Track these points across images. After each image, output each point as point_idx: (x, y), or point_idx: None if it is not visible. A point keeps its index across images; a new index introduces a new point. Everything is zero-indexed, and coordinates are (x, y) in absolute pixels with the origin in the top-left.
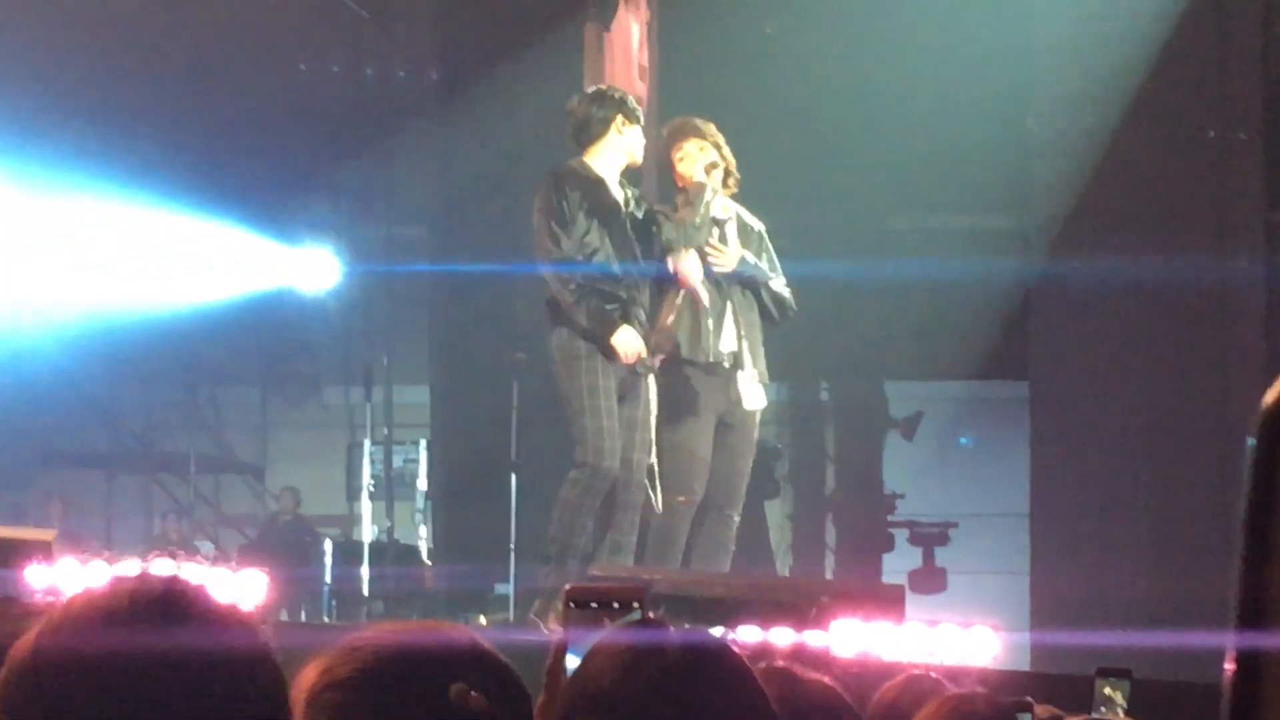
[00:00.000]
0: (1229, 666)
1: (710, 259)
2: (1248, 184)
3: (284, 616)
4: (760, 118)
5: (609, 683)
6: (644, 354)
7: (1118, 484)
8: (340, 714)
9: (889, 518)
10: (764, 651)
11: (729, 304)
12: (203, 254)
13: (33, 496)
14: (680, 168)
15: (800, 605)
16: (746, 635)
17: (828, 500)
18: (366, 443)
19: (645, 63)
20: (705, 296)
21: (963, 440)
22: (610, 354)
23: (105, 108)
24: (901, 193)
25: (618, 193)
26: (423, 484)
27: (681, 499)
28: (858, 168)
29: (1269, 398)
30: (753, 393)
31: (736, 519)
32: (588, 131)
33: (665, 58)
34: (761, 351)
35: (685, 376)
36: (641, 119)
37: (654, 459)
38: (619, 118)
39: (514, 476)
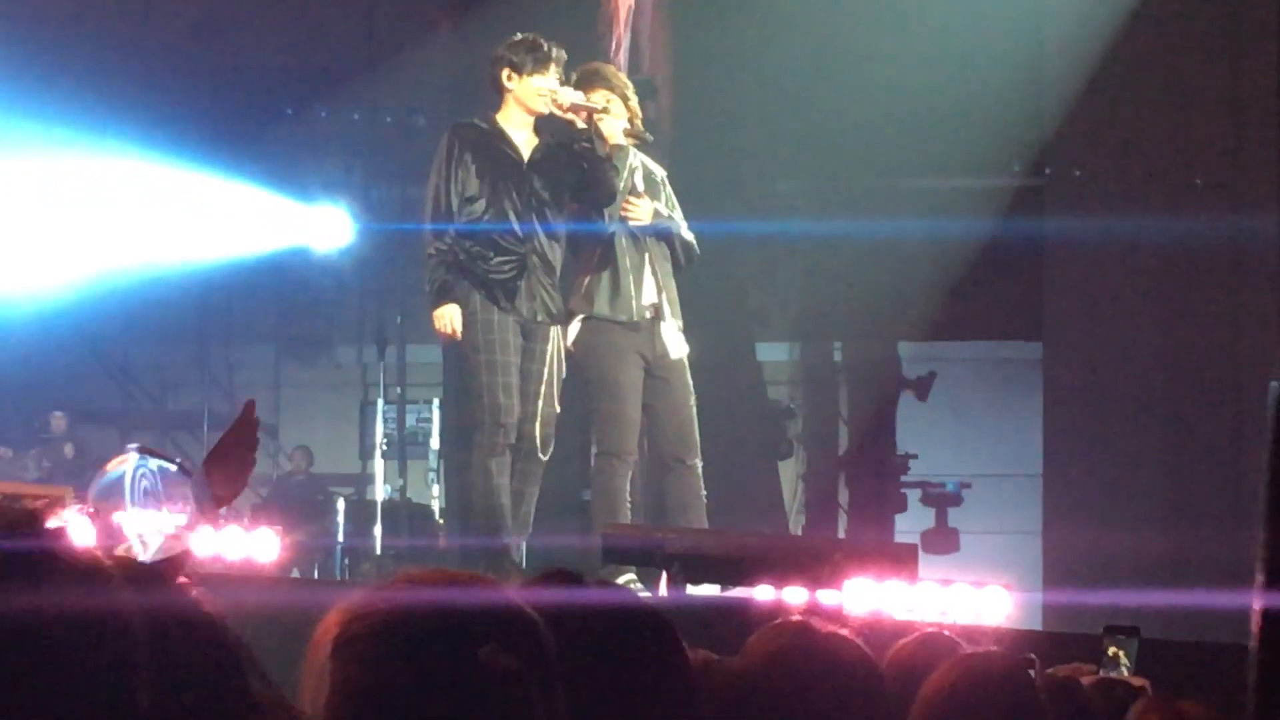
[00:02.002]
0: (1256, 624)
1: (628, 214)
2: (1263, 141)
3: (295, 574)
4: (771, 78)
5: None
6: (457, 333)
7: (1131, 444)
8: (367, 667)
9: (902, 478)
10: (778, 610)
11: (646, 257)
12: (217, 212)
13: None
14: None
15: (813, 564)
16: (760, 594)
17: (841, 460)
18: (380, 402)
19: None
20: (626, 253)
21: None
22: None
23: (121, 64)
24: (915, 153)
25: (522, 147)
26: (435, 443)
27: (616, 459)
28: (871, 129)
29: None
30: (676, 342)
31: (699, 465)
32: (492, 87)
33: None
34: (678, 300)
35: (608, 334)
36: (537, 66)
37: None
38: (505, 71)
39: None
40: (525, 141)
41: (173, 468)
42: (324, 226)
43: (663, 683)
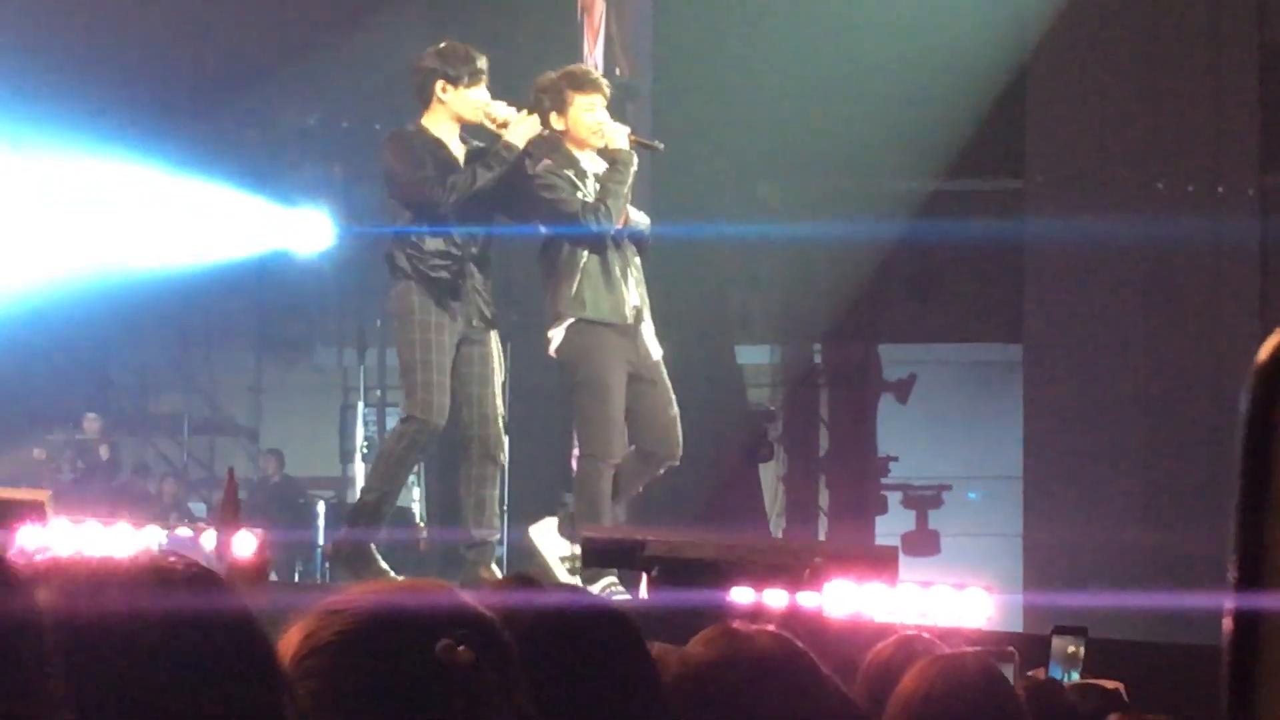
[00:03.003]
0: (1227, 626)
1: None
2: (1242, 144)
3: (273, 577)
4: (751, 80)
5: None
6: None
7: (1111, 446)
8: (325, 680)
9: (882, 480)
10: (758, 613)
11: (628, 259)
12: (197, 216)
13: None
14: (585, 118)
15: (794, 567)
16: (740, 596)
17: (821, 463)
18: (360, 405)
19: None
20: (615, 256)
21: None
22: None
23: (100, 66)
24: (895, 156)
25: (457, 154)
26: None
27: (602, 462)
28: (850, 131)
29: (1262, 354)
30: (655, 344)
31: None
32: (419, 95)
33: (663, 27)
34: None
35: (598, 337)
36: (472, 79)
37: (503, 414)
38: (438, 83)
39: (505, 439)
40: (457, 149)
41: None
42: (305, 230)
43: (626, 677)
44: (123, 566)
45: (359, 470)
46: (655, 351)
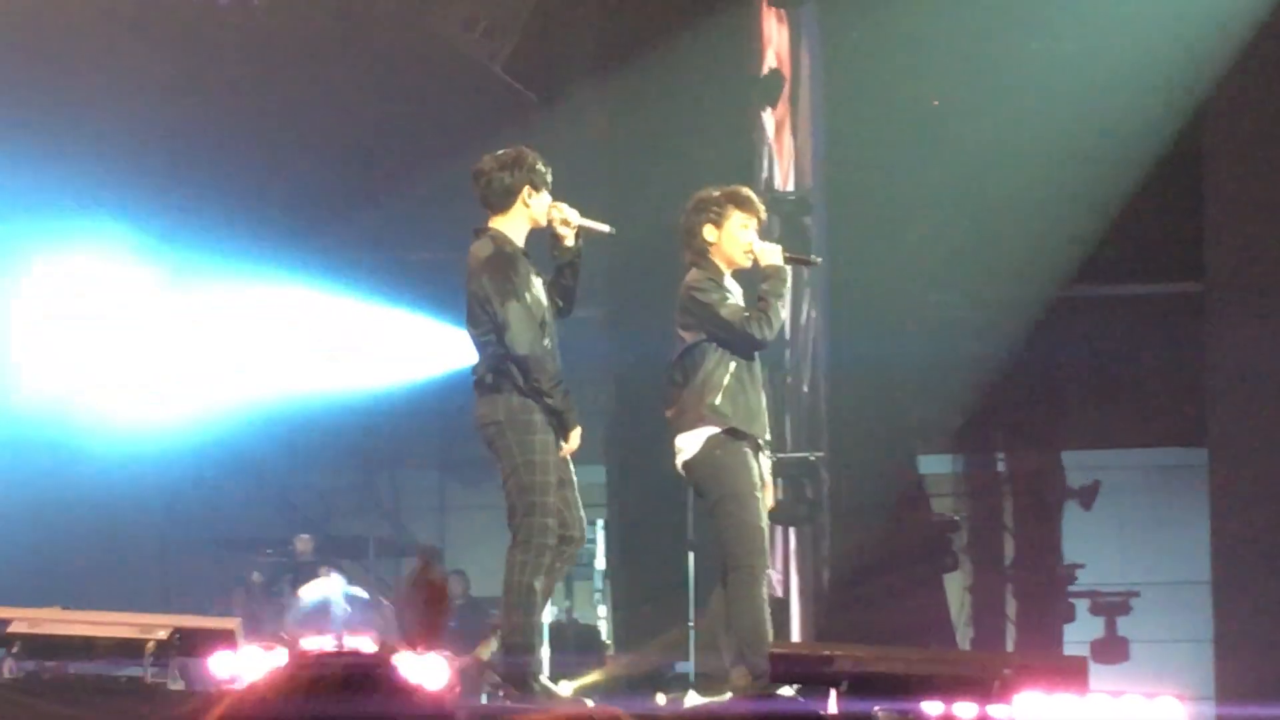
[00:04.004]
0: None
1: None
2: None
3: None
4: (926, 187)
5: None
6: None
7: None
8: None
9: (1069, 588)
10: None
11: (758, 377)
12: (380, 340)
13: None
14: (740, 235)
15: (983, 679)
16: (930, 710)
17: (1007, 572)
18: None
19: (782, 146)
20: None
21: None
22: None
23: (282, 196)
24: (1071, 261)
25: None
26: (600, 564)
27: (761, 572)
28: (1026, 237)
29: None
30: (768, 466)
31: None
32: (498, 198)
33: (834, 141)
34: None
35: (738, 448)
36: (547, 184)
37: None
38: (526, 187)
39: (691, 555)
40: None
41: (365, 595)
42: None
43: None
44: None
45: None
46: (769, 471)
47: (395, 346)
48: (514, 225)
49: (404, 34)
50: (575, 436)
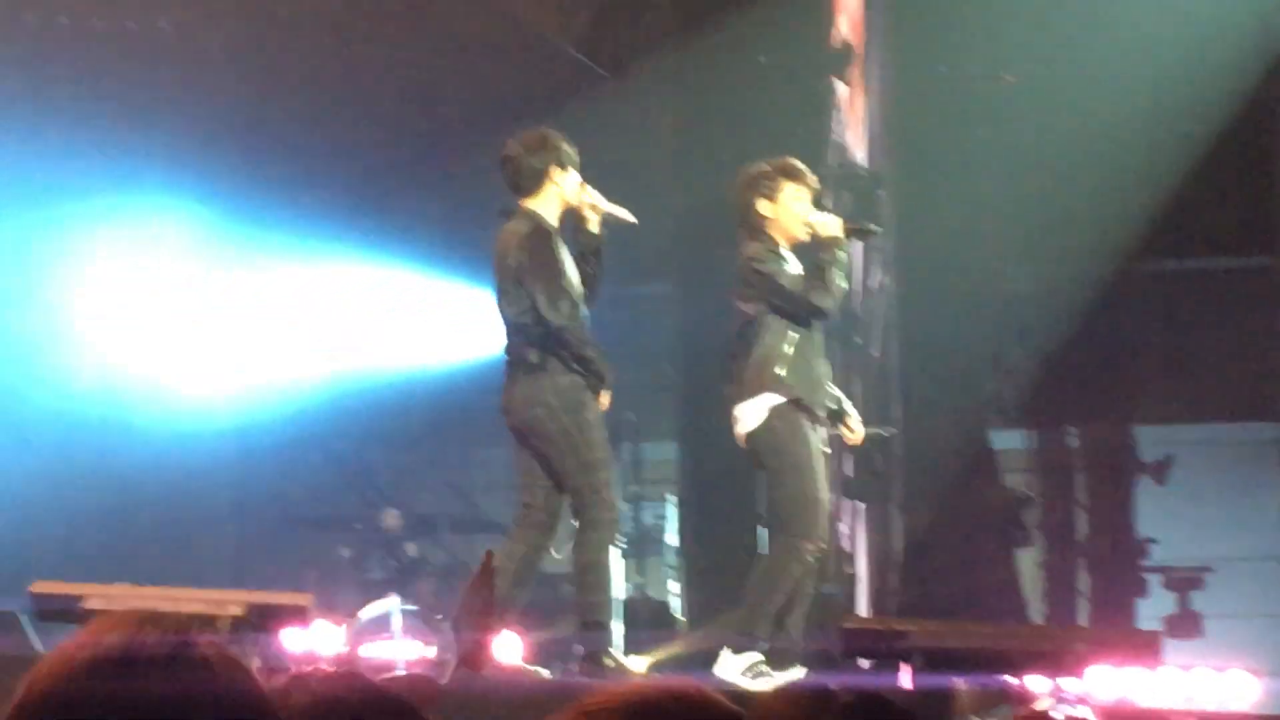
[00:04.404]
0: None
1: None
2: None
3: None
4: (999, 161)
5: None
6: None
7: None
8: None
9: (1142, 563)
10: (1022, 697)
11: (820, 348)
12: (451, 314)
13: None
14: (795, 207)
15: (1056, 654)
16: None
17: (1080, 547)
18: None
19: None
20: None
21: None
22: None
23: (352, 172)
24: (1148, 236)
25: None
26: (672, 540)
27: (812, 546)
28: (1098, 210)
29: None
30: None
31: None
32: (528, 181)
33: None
34: None
35: (800, 419)
36: (573, 162)
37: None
38: (554, 167)
39: (762, 530)
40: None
41: (419, 611)
42: None
43: None
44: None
45: (619, 565)
46: (826, 443)
47: (464, 322)
48: (546, 206)
49: (474, 9)
50: (606, 399)
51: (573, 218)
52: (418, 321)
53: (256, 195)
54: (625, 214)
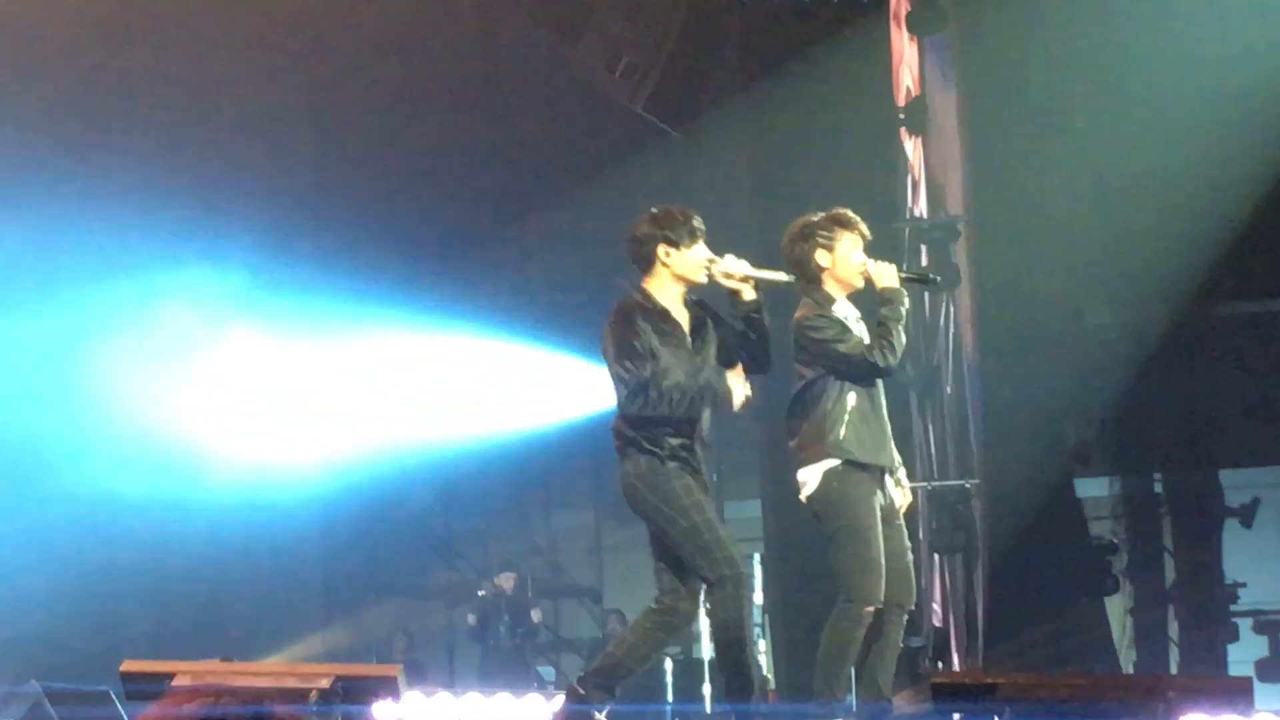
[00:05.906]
0: None
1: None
2: None
3: None
4: (1074, 209)
5: None
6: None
7: None
8: None
9: (1232, 607)
10: None
11: (881, 405)
12: (531, 380)
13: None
14: (853, 257)
15: (1148, 702)
16: None
17: (1168, 593)
18: None
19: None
20: (879, 398)
21: None
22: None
23: (429, 239)
24: (1229, 279)
25: (681, 319)
26: (759, 598)
27: (868, 609)
28: (1180, 256)
29: None
30: (897, 494)
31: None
32: (640, 260)
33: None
34: None
35: (858, 481)
36: (691, 238)
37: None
38: (661, 245)
39: None
40: (679, 314)
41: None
42: None
43: None
44: None
45: (704, 625)
46: (898, 496)
47: (543, 387)
48: (660, 284)
49: (547, 75)
50: (740, 389)
51: (727, 290)
52: (497, 389)
53: (339, 266)
54: (774, 275)
